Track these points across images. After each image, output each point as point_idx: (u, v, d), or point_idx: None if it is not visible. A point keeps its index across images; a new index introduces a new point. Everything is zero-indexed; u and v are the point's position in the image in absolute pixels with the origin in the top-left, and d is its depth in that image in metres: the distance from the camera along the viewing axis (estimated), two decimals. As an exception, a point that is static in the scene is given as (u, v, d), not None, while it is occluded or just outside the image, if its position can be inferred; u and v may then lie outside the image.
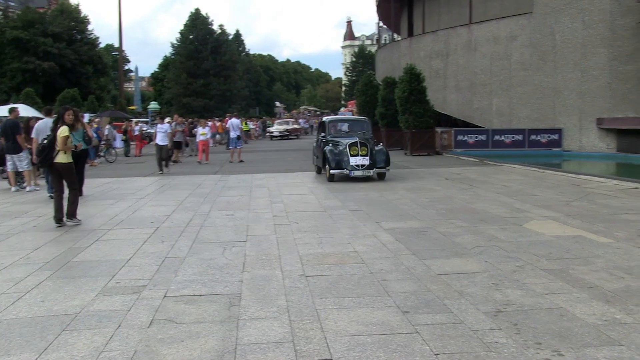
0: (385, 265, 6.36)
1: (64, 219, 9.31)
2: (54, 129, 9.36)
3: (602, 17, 22.78)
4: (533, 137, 24.30)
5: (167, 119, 22.29)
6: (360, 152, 14.75)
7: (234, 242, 7.82)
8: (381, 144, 16.83)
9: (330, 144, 15.39)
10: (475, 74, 27.58)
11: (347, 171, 14.71)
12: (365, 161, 14.74)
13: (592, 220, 8.86)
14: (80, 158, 12.24)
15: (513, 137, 24.49)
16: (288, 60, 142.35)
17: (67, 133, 9.26)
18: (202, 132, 24.06)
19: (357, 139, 15.03)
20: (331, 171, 14.83)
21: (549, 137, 24.33)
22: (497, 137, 24.51)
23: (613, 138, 23.07)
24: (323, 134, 16.55)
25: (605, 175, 15.11)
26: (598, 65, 23.05)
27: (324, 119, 18.08)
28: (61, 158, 9.26)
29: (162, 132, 19.40)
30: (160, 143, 19.18)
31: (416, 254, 6.85)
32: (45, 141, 9.46)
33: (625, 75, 22.57)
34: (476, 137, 24.73)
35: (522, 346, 4.05)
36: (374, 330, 4.39)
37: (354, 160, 14.71)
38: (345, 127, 16.94)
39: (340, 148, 15.02)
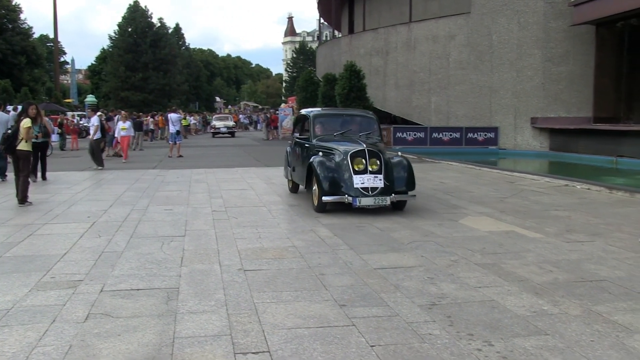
0: (323, 260, 6.43)
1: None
2: (18, 121, 10.64)
3: (536, 19, 23.52)
4: (470, 135, 24.91)
5: (99, 113, 21.70)
6: (369, 167, 9.28)
7: (173, 236, 7.74)
8: (399, 153, 10.54)
9: (321, 153, 9.90)
10: (415, 72, 28.03)
11: (349, 198, 9.09)
12: (378, 182, 9.21)
13: (524, 216, 9.17)
14: (42, 148, 14.54)
15: (451, 135, 25.04)
16: (229, 56, 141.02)
17: (29, 124, 10.51)
18: (123, 127, 21.47)
19: (364, 145, 9.50)
20: (324, 198, 9.18)
21: (485, 135, 24.98)
22: (435, 135, 25.01)
23: (546, 137, 23.87)
24: (304, 136, 11.29)
25: (538, 173, 15.65)
26: (532, 65, 23.79)
27: (306, 112, 11.79)
28: (23, 146, 10.50)
29: (92, 127, 18.63)
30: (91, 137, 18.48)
31: (354, 249, 6.95)
32: (9, 131, 10.81)
33: (558, 76, 23.38)
34: (415, 135, 25.16)
35: (454, 337, 4.18)
36: (311, 323, 4.44)
37: (359, 180, 9.17)
38: (339, 125, 11.09)
39: (337, 160, 9.51)
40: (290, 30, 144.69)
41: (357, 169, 9.25)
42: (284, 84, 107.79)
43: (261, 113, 63.72)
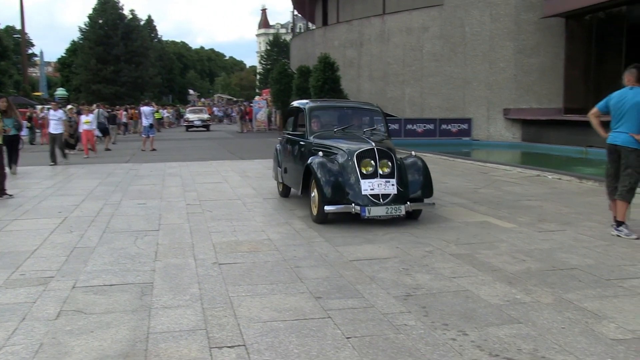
0: (299, 253, 6.43)
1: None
2: None
3: (508, 11, 23.70)
4: (444, 126, 25.06)
5: (69, 106, 21.35)
6: (379, 170, 7.86)
7: (146, 231, 7.68)
8: (413, 152, 8.85)
9: (320, 153, 8.31)
10: (389, 64, 28.10)
11: (357, 207, 7.63)
12: (390, 187, 7.79)
13: (497, 206, 9.27)
14: (13, 142, 14.27)
15: (425, 127, 25.16)
16: (202, 48, 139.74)
17: None
18: (86, 121, 20.36)
19: (372, 143, 8.06)
20: (326, 207, 7.72)
21: (459, 126, 25.16)
22: (409, 127, 25.11)
23: (518, 128, 24.12)
24: (298, 133, 9.70)
25: (510, 164, 15.81)
26: (505, 57, 23.98)
27: (299, 104, 10.05)
28: None
29: (55, 120, 17.97)
30: (54, 132, 17.87)
31: (329, 241, 6.96)
32: None
33: (530, 67, 23.60)
34: (389, 127, 25.21)
35: (429, 327, 4.21)
36: (287, 316, 4.44)
37: (367, 186, 7.74)
38: (339, 119, 9.64)
39: (341, 161, 8.04)
40: (264, 23, 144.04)
41: (365, 172, 7.73)
42: (258, 77, 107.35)
43: (235, 106, 63.33)
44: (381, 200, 7.65)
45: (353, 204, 7.62)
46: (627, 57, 18.18)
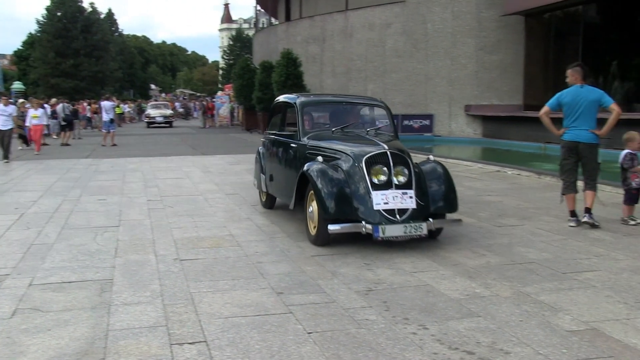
0: (261, 248, 6.41)
1: None
2: None
3: (469, 8, 23.96)
4: (406, 122, 25.20)
5: (21, 100, 20.81)
6: (394, 179, 6.39)
7: (106, 227, 7.56)
8: (431, 156, 7.28)
9: (320, 158, 6.72)
10: (352, 59, 28.17)
11: (367, 226, 6.09)
12: (408, 201, 6.33)
13: (459, 201, 9.36)
14: None
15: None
16: (164, 42, 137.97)
17: None
18: (34, 115, 19.57)
19: (384, 146, 6.59)
20: (331, 227, 6.18)
21: (421, 122, 25.34)
22: (372, 122, 25.17)
23: (479, 124, 24.43)
24: (287, 133, 8.13)
25: (471, 159, 16.02)
26: (466, 54, 24.25)
27: (288, 99, 8.43)
28: None
29: (5, 116, 17.22)
30: (3, 128, 17.05)
31: (291, 236, 6.96)
32: None
33: (491, 64, 23.92)
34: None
35: (390, 322, 4.24)
36: (248, 312, 4.43)
37: (380, 199, 6.26)
38: (337, 117, 8.16)
39: (346, 168, 6.54)
40: (227, 17, 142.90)
41: (376, 181, 6.23)
42: (220, 72, 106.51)
43: (197, 101, 62.71)
44: (397, 216, 6.12)
45: (363, 222, 6.02)
46: (583, 55, 18.59)
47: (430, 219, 6.23)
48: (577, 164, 7.43)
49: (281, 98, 8.87)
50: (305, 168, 6.62)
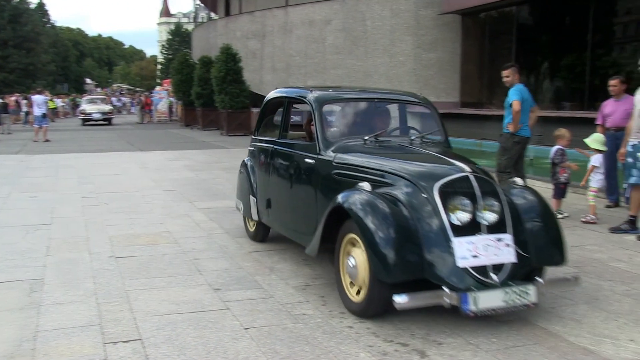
0: (198, 245, 6.36)
1: None
2: None
3: (407, 7, 24.28)
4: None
5: None
6: (482, 216, 4.09)
7: (38, 225, 7.34)
8: (517, 178, 5.25)
9: (365, 184, 4.36)
10: (291, 56, 28.15)
11: (451, 294, 3.80)
12: (504, 251, 4.05)
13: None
14: None
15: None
16: (99, 36, 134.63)
17: None
18: None
19: (463, 167, 4.29)
20: (397, 298, 3.78)
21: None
22: (312, 119, 25.26)
23: (416, 121, 24.80)
24: (294, 142, 5.89)
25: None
26: (404, 52, 24.57)
27: (296, 94, 6.13)
28: None
29: None
30: None
31: (229, 233, 6.92)
32: None
33: (428, 62, 24.31)
34: (292, 118, 25.27)
35: (327, 316, 4.28)
36: (185, 309, 4.39)
37: (466, 249, 3.96)
38: (368, 119, 5.82)
39: (405, 199, 4.24)
40: (166, 11, 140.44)
41: (456, 221, 4.05)
42: (159, 66, 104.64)
43: (135, 96, 61.44)
44: (493, 276, 3.93)
45: (445, 288, 3.83)
46: (516, 54, 19.13)
47: (538, 278, 4.09)
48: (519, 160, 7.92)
49: (280, 92, 6.63)
50: (340, 199, 4.33)
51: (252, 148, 6.77)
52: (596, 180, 7.65)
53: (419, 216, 4.09)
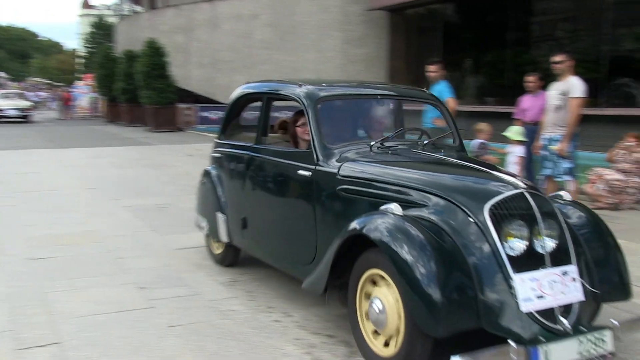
0: (123, 243, 6.19)
1: None
2: None
3: (336, 2, 24.40)
4: (273, 113, 25.32)
5: None
6: (544, 245, 3.17)
7: (-52, 227, 6.97)
8: (563, 192, 4.03)
9: (398, 208, 3.30)
10: (219, 50, 27.84)
11: (518, 349, 2.79)
12: (571, 287, 3.15)
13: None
14: None
15: (256, 114, 25.21)
16: (11, 26, 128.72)
17: None
18: None
19: (516, 182, 3.33)
20: None
21: (286, 114, 25.54)
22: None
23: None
24: (277, 150, 4.70)
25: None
26: (333, 47, 24.69)
27: (283, 88, 4.87)
28: None
29: None
30: None
31: (156, 230, 6.78)
32: None
33: (356, 58, 24.52)
34: (220, 114, 25.02)
35: (254, 311, 4.27)
36: (109, 309, 4.26)
37: (529, 290, 3.03)
38: (369, 122, 4.98)
39: (445, 225, 3.26)
40: (87, 3, 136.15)
41: (514, 250, 3.14)
42: (83, 60, 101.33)
43: (54, 90, 59.28)
44: (563, 321, 3.07)
45: (510, 341, 2.88)
46: (444, 51, 19.57)
47: (614, 320, 3.14)
48: None
49: (256, 86, 5.58)
50: (359, 225, 3.35)
51: (218, 154, 5.54)
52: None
53: (467, 247, 3.16)
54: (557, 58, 7.17)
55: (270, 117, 5.14)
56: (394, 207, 3.30)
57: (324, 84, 4.65)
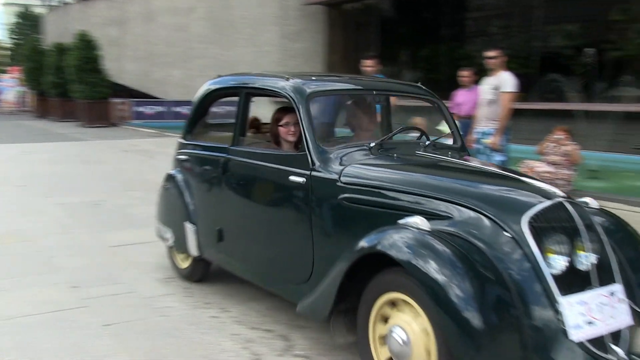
0: (55, 242, 5.99)
1: None
2: None
3: (273, -4, 24.33)
4: (215, 109, 25.05)
5: None
6: (581, 255, 2.77)
7: None
8: (588, 198, 3.35)
9: (424, 222, 2.82)
10: (154, 44, 27.33)
11: None
12: (620, 309, 2.75)
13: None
14: None
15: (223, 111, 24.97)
16: None
17: None
18: None
19: (554, 191, 2.93)
20: None
21: (225, 109, 25.32)
22: (176, 109, 24.73)
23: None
24: (269, 152, 4.05)
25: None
26: (271, 41, 24.57)
27: (266, 83, 4.28)
28: None
29: None
30: None
31: (89, 228, 6.60)
32: None
33: (294, 52, 24.47)
34: (155, 109, 24.64)
35: (191, 307, 4.22)
36: (39, 310, 4.12)
37: (578, 315, 2.62)
38: (364, 120, 4.33)
39: (476, 240, 2.79)
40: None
41: (558, 269, 2.71)
42: (7, 52, 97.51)
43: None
44: (617, 350, 2.67)
45: None
46: (381, 46, 19.79)
47: None
48: None
49: (231, 80, 5.01)
50: (377, 242, 2.85)
51: (184, 156, 4.93)
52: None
53: (505, 266, 2.70)
54: (491, 53, 7.35)
55: (249, 115, 4.49)
56: (419, 221, 2.82)
57: (313, 77, 4.10)
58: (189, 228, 4.57)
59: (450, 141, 4.37)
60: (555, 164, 8.20)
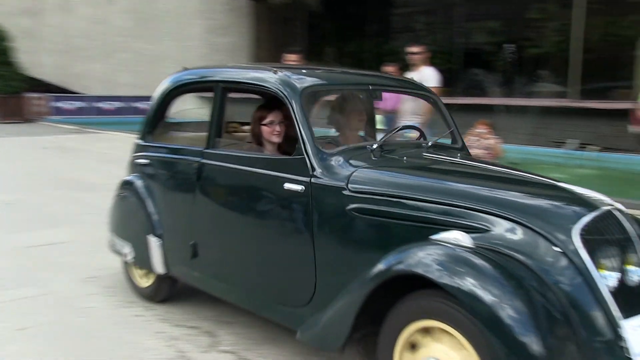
0: (-35, 242, 5.69)
1: None
2: None
3: (197, -10, 23.98)
4: (135, 104, 24.48)
5: None
6: (633, 269, 2.49)
7: None
8: (605, 197, 2.75)
9: (467, 238, 2.45)
10: (73, 37, 26.44)
11: None
12: None
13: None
14: None
15: (115, 104, 24.31)
16: None
17: None
18: None
19: (599, 196, 2.72)
20: None
21: (149, 104, 24.80)
22: (98, 104, 24.02)
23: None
24: (256, 155, 3.53)
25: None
26: (196, 36, 24.20)
27: (244, 76, 3.73)
28: None
29: None
30: None
31: (3, 228, 6.29)
32: None
33: (220, 47, 24.18)
34: (75, 104, 23.84)
35: (114, 306, 4.11)
36: (-54, 315, 3.90)
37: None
38: (355, 113, 3.78)
39: (521, 256, 2.44)
40: None
41: (613, 287, 2.40)
42: None
43: None
44: None
45: None
46: (308, 41, 19.86)
47: None
48: None
49: (206, 72, 4.59)
50: (407, 262, 2.45)
51: (145, 160, 4.35)
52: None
53: (558, 286, 2.37)
54: (414, 49, 7.47)
55: (225, 114, 3.82)
56: (460, 237, 2.44)
57: (303, 70, 3.65)
58: (154, 242, 3.96)
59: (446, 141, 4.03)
60: (478, 157, 8.41)
